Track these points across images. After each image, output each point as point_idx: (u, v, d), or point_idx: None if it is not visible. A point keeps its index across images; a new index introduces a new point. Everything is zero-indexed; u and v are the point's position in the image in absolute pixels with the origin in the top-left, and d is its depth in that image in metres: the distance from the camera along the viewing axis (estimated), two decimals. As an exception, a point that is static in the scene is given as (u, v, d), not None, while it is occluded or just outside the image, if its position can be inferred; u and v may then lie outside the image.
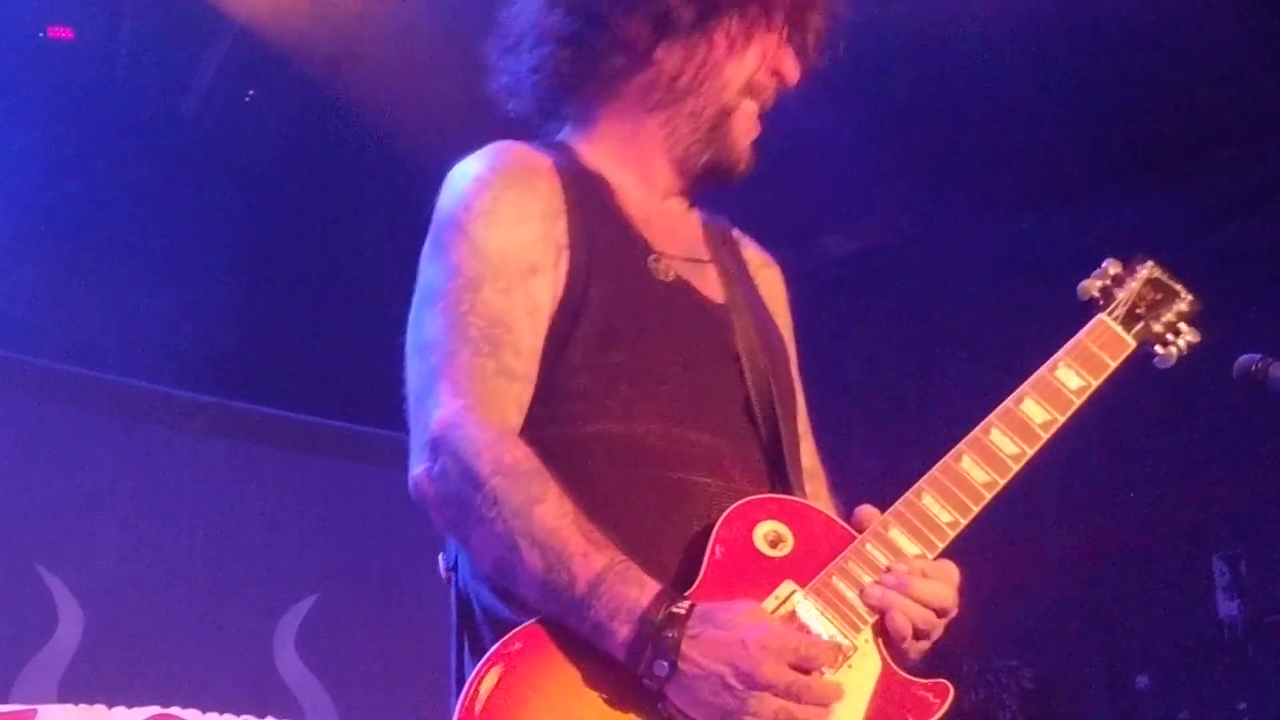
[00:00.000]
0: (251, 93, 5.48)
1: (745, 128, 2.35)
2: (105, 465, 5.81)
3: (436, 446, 2.01)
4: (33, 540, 5.57)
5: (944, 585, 2.05)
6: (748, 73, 2.32)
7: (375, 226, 5.41)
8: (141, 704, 5.51)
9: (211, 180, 5.61)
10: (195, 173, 5.61)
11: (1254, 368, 2.84)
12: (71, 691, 5.50)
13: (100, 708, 5.44)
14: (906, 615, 2.01)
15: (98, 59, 5.21)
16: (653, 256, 2.24)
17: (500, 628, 1.97)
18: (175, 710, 5.58)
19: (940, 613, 2.05)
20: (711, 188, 2.42)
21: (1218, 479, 5.58)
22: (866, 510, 2.12)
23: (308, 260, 5.74)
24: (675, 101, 2.32)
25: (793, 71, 2.36)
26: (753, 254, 2.52)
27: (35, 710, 5.34)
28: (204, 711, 5.65)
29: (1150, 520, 5.72)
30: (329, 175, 5.62)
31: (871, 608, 2.02)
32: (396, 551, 6.07)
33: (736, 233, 2.52)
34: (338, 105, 5.44)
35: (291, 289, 5.89)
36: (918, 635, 2.03)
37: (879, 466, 3.97)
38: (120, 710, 5.46)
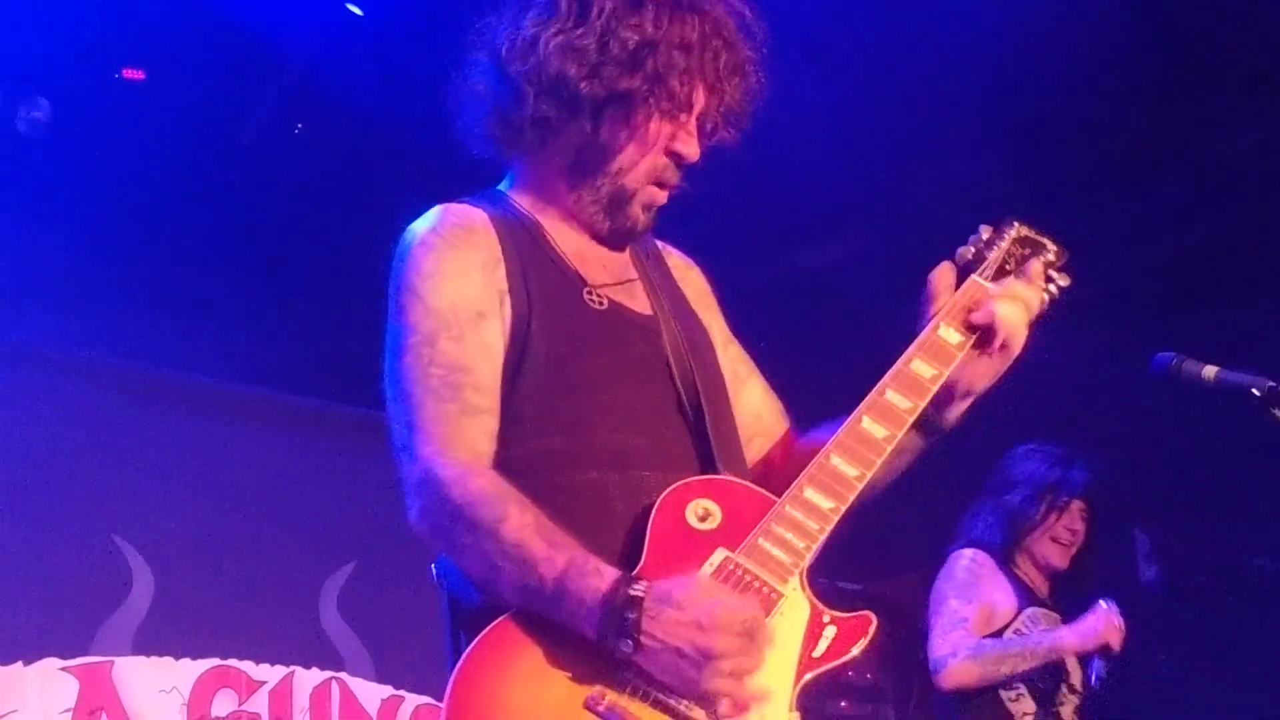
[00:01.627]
0: (300, 126, 5.56)
1: (645, 202, 2.41)
2: (175, 450, 5.93)
3: (420, 491, 2.16)
4: (110, 513, 5.73)
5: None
6: (643, 155, 2.36)
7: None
8: (205, 656, 5.74)
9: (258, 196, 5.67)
10: (247, 192, 5.65)
11: (1170, 365, 3.04)
12: (143, 645, 5.67)
13: (169, 659, 5.66)
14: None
15: (165, 98, 5.21)
16: (586, 289, 2.36)
17: (488, 616, 2.12)
18: (233, 661, 5.79)
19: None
20: (617, 246, 2.48)
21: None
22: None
23: (342, 262, 5.47)
24: (579, 175, 2.39)
25: (691, 151, 2.39)
26: (676, 261, 2.61)
27: (113, 661, 5.53)
28: (258, 663, 5.85)
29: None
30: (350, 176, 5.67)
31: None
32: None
33: (660, 244, 2.60)
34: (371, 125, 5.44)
35: (320, 290, 5.95)
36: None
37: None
38: (186, 661, 5.68)
